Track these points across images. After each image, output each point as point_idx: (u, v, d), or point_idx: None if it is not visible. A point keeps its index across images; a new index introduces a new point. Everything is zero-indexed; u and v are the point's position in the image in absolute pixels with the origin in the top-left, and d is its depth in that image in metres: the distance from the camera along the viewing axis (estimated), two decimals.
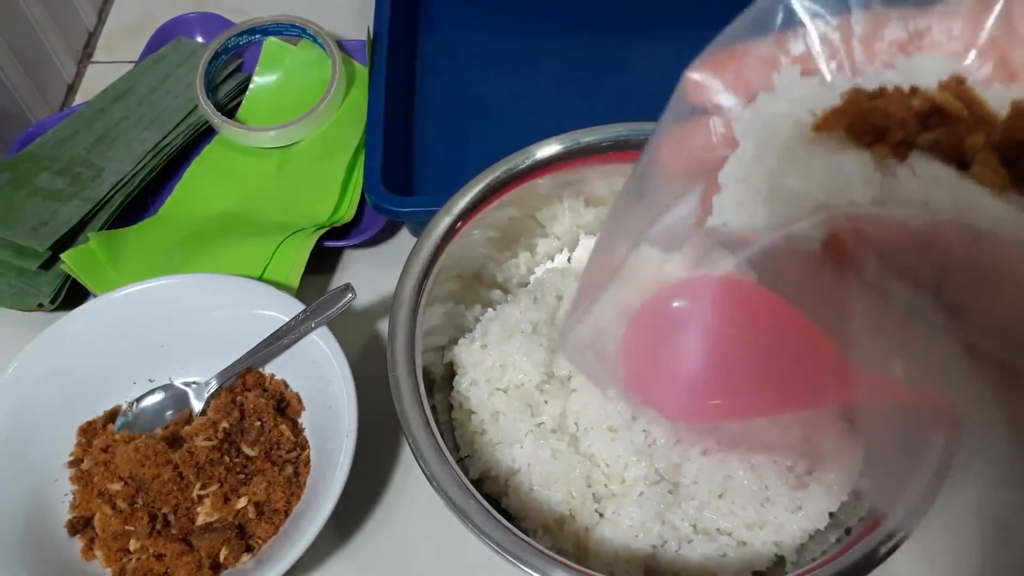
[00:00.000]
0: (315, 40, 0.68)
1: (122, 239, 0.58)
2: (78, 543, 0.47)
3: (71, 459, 0.49)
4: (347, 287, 0.49)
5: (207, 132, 0.66)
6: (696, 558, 0.43)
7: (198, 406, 0.51)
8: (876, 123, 0.22)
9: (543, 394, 0.48)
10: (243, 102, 0.68)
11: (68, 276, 0.56)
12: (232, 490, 0.47)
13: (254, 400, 0.49)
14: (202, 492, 0.46)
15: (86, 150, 0.62)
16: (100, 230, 0.58)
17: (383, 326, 0.57)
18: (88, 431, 0.50)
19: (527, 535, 0.39)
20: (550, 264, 0.56)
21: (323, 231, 0.58)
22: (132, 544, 0.46)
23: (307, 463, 0.49)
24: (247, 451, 0.48)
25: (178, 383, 0.52)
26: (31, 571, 0.44)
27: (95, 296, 0.54)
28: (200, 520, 0.47)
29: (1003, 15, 0.23)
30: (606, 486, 0.45)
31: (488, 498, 0.45)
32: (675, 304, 0.51)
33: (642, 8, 0.74)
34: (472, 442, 0.47)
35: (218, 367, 0.51)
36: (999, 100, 0.22)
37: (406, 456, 0.52)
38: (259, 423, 0.49)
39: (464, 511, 0.39)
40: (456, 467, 0.40)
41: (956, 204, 0.21)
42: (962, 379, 0.21)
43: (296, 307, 0.50)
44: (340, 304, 0.49)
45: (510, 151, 0.50)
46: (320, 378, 0.49)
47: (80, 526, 0.47)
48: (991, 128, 0.21)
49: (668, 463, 0.45)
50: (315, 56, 0.69)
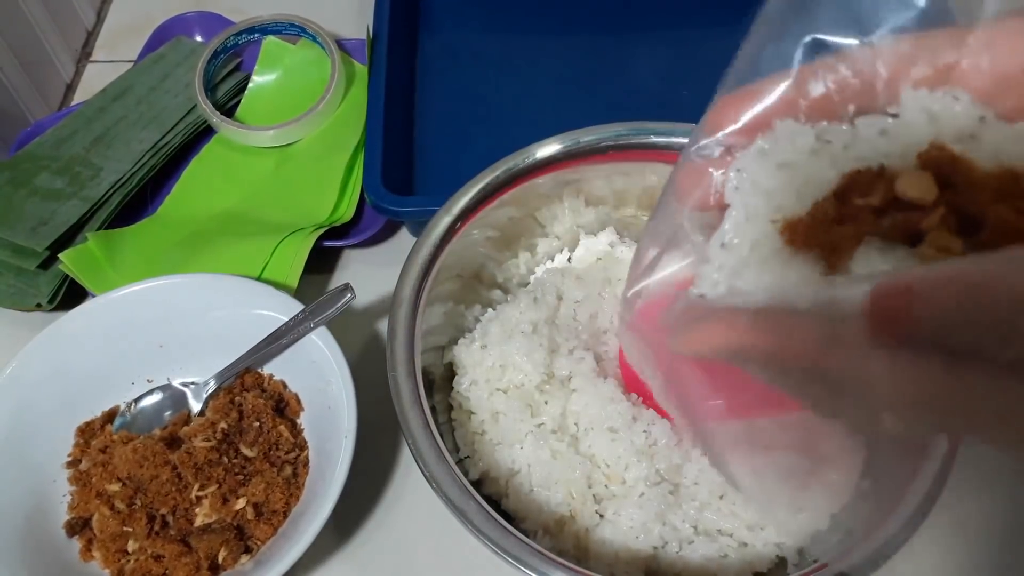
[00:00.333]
0: (314, 39, 0.68)
1: (121, 239, 0.58)
2: (76, 544, 0.46)
3: (69, 459, 0.49)
4: (346, 287, 0.49)
5: (206, 131, 0.66)
6: (697, 559, 0.43)
7: (196, 406, 0.50)
8: (833, 240, 0.23)
9: (543, 394, 0.48)
10: (242, 101, 0.68)
11: (67, 276, 0.56)
12: (231, 491, 0.47)
13: (253, 400, 0.49)
14: (201, 493, 0.46)
15: (85, 150, 0.62)
16: (99, 230, 0.58)
17: (383, 326, 0.57)
18: (86, 431, 0.50)
19: (527, 536, 0.39)
20: (550, 264, 0.55)
21: (322, 231, 0.58)
22: (131, 545, 0.46)
23: (306, 464, 0.49)
24: (246, 452, 0.48)
25: (176, 383, 0.52)
26: (30, 572, 0.44)
27: (93, 296, 0.54)
28: (199, 521, 0.47)
29: None
30: (606, 487, 0.45)
31: (488, 499, 0.44)
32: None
33: (642, 8, 0.74)
34: (472, 443, 0.47)
35: (217, 367, 0.51)
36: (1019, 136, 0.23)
37: (406, 457, 0.52)
38: (258, 423, 0.49)
39: (464, 512, 0.39)
40: (456, 468, 0.40)
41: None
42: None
43: (295, 307, 0.50)
44: (339, 304, 0.49)
45: (510, 151, 0.50)
46: (319, 378, 0.49)
47: (78, 527, 0.47)
48: (976, 190, 0.22)
49: (669, 464, 0.44)
50: (314, 55, 0.68)
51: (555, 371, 0.48)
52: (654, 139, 0.50)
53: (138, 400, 0.51)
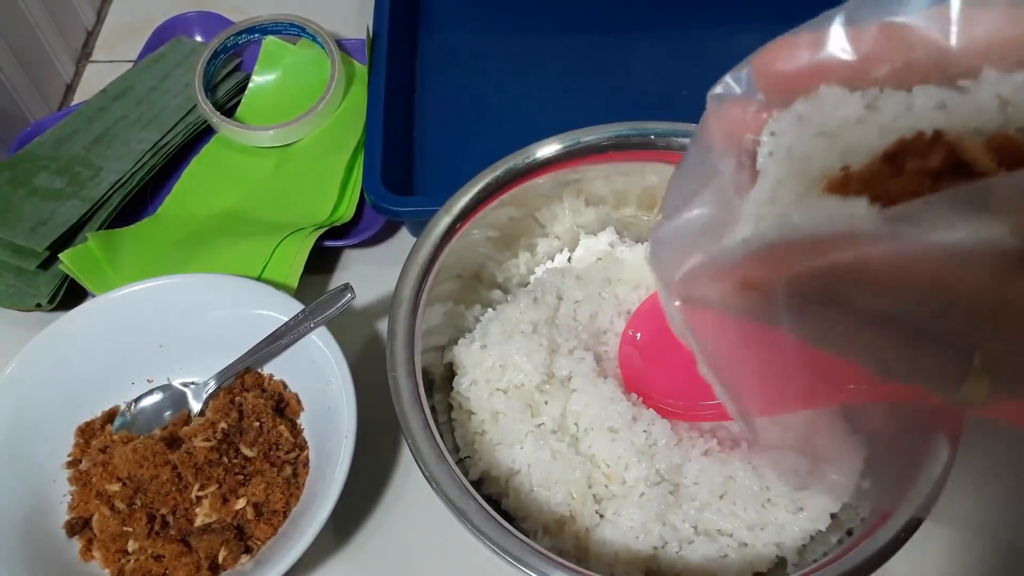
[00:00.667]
0: (314, 39, 0.68)
1: (120, 239, 0.58)
2: (76, 544, 0.46)
3: (69, 459, 0.49)
4: (346, 287, 0.49)
5: (206, 131, 0.66)
6: (697, 559, 0.43)
7: (196, 407, 0.50)
8: (890, 190, 0.21)
9: (543, 394, 0.48)
10: (242, 101, 0.68)
11: (66, 276, 0.56)
12: (231, 491, 0.47)
13: (253, 400, 0.49)
14: (201, 493, 0.46)
15: (85, 149, 0.62)
16: (99, 230, 0.58)
17: (382, 326, 0.57)
18: (86, 431, 0.50)
19: (527, 536, 0.39)
20: (550, 264, 0.55)
21: (322, 231, 0.58)
22: (131, 545, 0.46)
23: (306, 464, 0.49)
24: (246, 452, 0.48)
25: (176, 383, 0.52)
26: (30, 572, 0.44)
27: (93, 296, 0.54)
28: (199, 521, 0.46)
29: None
30: (607, 487, 0.45)
31: (488, 499, 0.44)
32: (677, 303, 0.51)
33: (642, 8, 0.74)
34: (472, 443, 0.47)
35: (217, 367, 0.51)
36: None
37: (406, 457, 0.52)
38: (258, 424, 0.49)
39: (463, 512, 0.39)
40: (456, 468, 0.40)
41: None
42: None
43: (295, 307, 0.50)
44: (339, 304, 0.49)
45: (510, 151, 0.50)
46: (319, 378, 0.49)
47: (79, 527, 0.47)
48: None
49: (669, 464, 0.44)
50: (314, 55, 0.68)
51: (555, 371, 0.48)
52: (654, 139, 0.50)
53: (138, 400, 0.51)
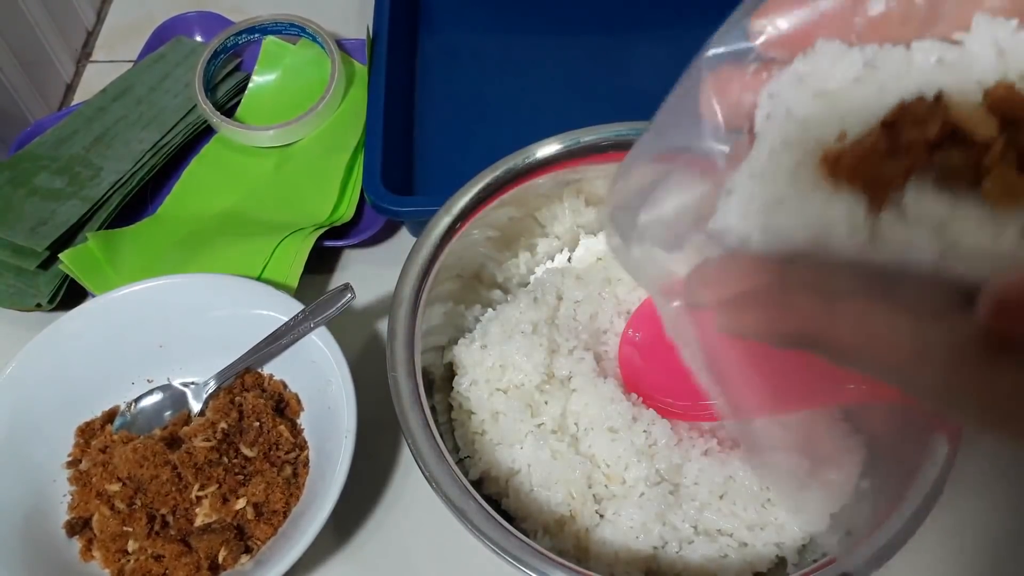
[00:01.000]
0: (314, 39, 0.68)
1: (120, 239, 0.58)
2: (77, 544, 0.46)
3: (69, 459, 0.49)
4: (346, 287, 0.49)
5: (206, 131, 0.66)
6: (697, 559, 0.43)
7: (196, 407, 0.50)
8: (882, 175, 0.21)
9: (543, 394, 0.48)
10: (242, 101, 0.68)
11: (66, 276, 0.56)
12: (231, 491, 0.47)
13: (253, 400, 0.49)
14: (201, 493, 0.46)
15: (85, 149, 0.62)
16: (99, 230, 0.58)
17: (382, 326, 0.57)
18: (86, 431, 0.50)
19: (527, 536, 0.39)
20: (550, 264, 0.55)
21: (322, 231, 0.58)
22: (131, 545, 0.46)
23: (306, 464, 0.49)
24: (246, 452, 0.48)
25: (176, 383, 0.52)
26: (30, 572, 0.44)
27: (93, 296, 0.54)
28: (199, 521, 0.46)
29: None
30: (606, 487, 0.45)
31: (488, 499, 0.44)
32: (674, 303, 0.51)
33: (642, 8, 0.74)
34: (472, 443, 0.47)
35: (217, 367, 0.51)
36: None
37: (406, 457, 0.52)
38: (258, 423, 0.49)
39: (463, 512, 0.39)
40: (456, 468, 0.40)
41: (941, 252, 0.19)
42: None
43: (295, 307, 0.50)
44: (339, 304, 0.49)
45: (510, 151, 0.50)
46: (319, 378, 0.49)
47: (79, 527, 0.47)
48: None
49: (669, 464, 0.44)
50: (314, 55, 0.68)
51: (555, 371, 0.48)
52: None
53: (138, 400, 0.51)
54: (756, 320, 0.22)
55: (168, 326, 0.52)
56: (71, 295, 0.57)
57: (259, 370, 0.52)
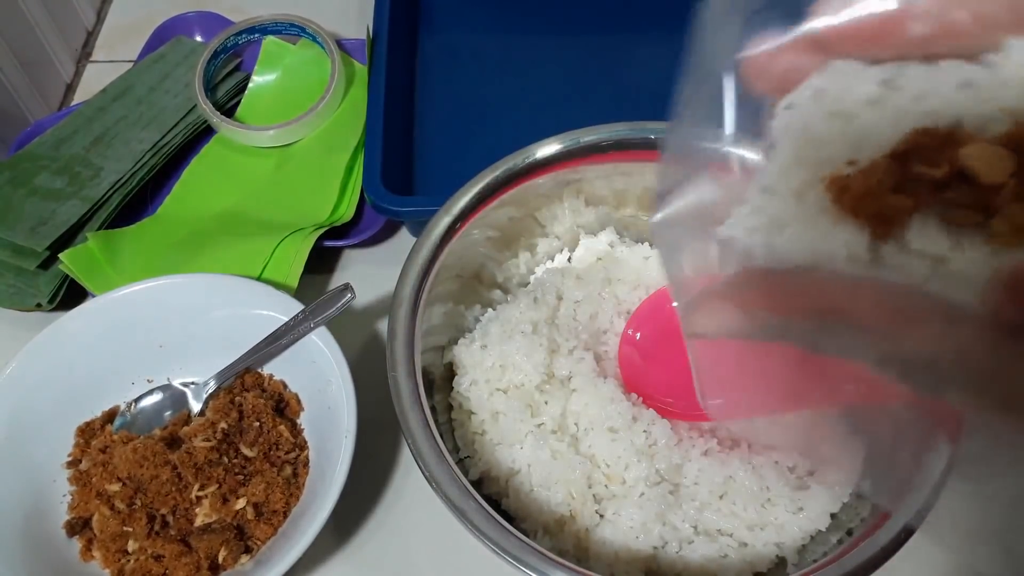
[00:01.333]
0: (314, 39, 0.68)
1: (120, 239, 0.58)
2: (77, 544, 0.46)
3: (69, 459, 0.49)
4: (346, 287, 0.49)
5: (206, 131, 0.66)
6: (697, 559, 0.43)
7: (196, 407, 0.50)
8: (886, 210, 0.20)
9: (543, 394, 0.48)
10: (242, 101, 0.68)
11: (66, 276, 0.56)
12: (231, 491, 0.47)
13: (253, 400, 0.49)
14: (200, 493, 0.46)
15: (85, 149, 0.62)
16: (99, 230, 0.58)
17: (382, 326, 0.57)
18: (86, 431, 0.50)
19: (527, 536, 0.39)
20: (550, 264, 0.55)
21: (322, 231, 0.58)
22: (131, 545, 0.46)
23: (306, 464, 0.49)
24: (246, 452, 0.48)
25: (176, 383, 0.52)
26: (30, 572, 0.44)
27: (93, 296, 0.54)
28: (199, 521, 0.46)
29: None
30: (606, 487, 0.45)
31: (488, 499, 0.44)
32: (674, 303, 0.51)
33: (642, 8, 0.74)
34: (472, 443, 0.47)
35: (217, 367, 0.51)
36: None
37: (406, 457, 0.52)
38: (258, 424, 0.49)
39: (463, 512, 0.39)
40: (456, 468, 0.40)
41: (939, 286, 0.19)
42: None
43: (295, 307, 0.50)
44: (339, 304, 0.49)
45: (510, 151, 0.50)
46: (319, 378, 0.49)
47: (79, 527, 0.47)
48: None
49: (669, 464, 0.44)
50: (314, 55, 0.68)
51: (555, 371, 0.48)
52: (654, 139, 0.50)
53: (138, 400, 0.51)
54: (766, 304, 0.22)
55: (168, 326, 0.52)
56: (71, 295, 0.57)
57: (259, 370, 0.52)
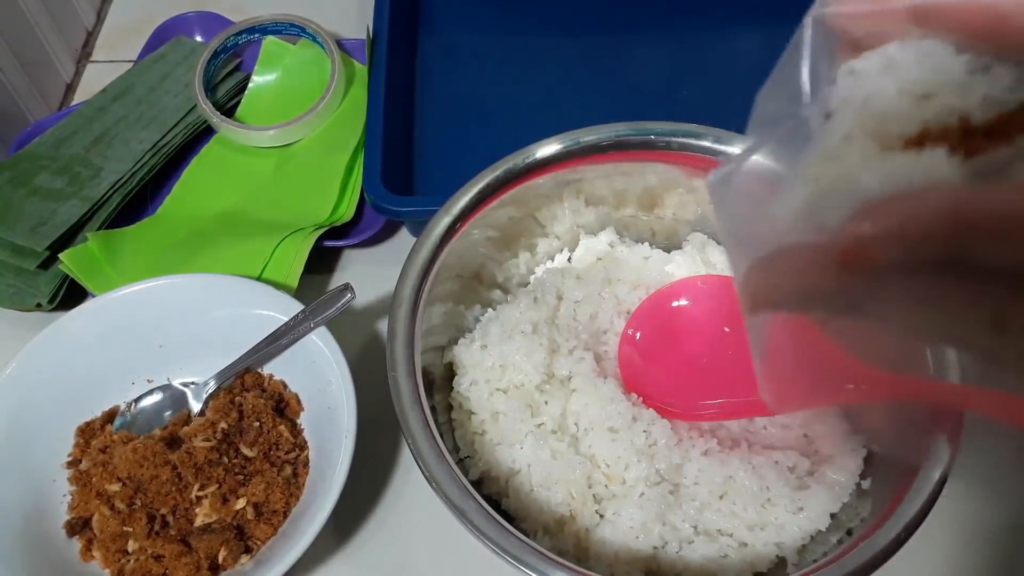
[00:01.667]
0: (314, 39, 0.68)
1: (121, 239, 0.58)
2: (76, 544, 0.46)
3: (69, 459, 0.49)
4: (346, 287, 0.49)
5: (206, 131, 0.66)
6: (697, 559, 0.43)
7: (196, 407, 0.50)
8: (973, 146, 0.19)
9: (543, 394, 0.48)
10: (242, 101, 0.68)
11: (66, 276, 0.56)
12: (231, 491, 0.47)
13: (253, 400, 0.49)
14: (201, 493, 0.46)
15: (85, 149, 0.62)
16: (99, 230, 0.58)
17: (382, 326, 0.57)
18: (86, 431, 0.50)
19: (527, 536, 0.39)
20: (550, 264, 0.55)
21: (322, 231, 0.58)
22: (131, 545, 0.46)
23: (306, 464, 0.49)
24: (246, 452, 0.48)
25: (176, 383, 0.52)
26: (30, 572, 0.44)
27: (93, 296, 0.54)
28: (199, 521, 0.46)
29: None
30: (606, 487, 0.45)
31: (488, 499, 0.44)
32: (674, 303, 0.51)
33: (642, 8, 0.74)
34: (472, 443, 0.47)
35: (217, 367, 0.51)
36: None
37: (406, 457, 0.52)
38: (258, 424, 0.49)
39: (463, 512, 0.38)
40: (456, 468, 0.40)
41: None
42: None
43: (295, 307, 0.50)
44: (339, 304, 0.49)
45: (510, 151, 0.50)
46: (319, 378, 0.49)
47: (78, 527, 0.47)
48: None
49: (669, 464, 0.44)
50: (314, 55, 0.68)
51: (555, 371, 0.48)
52: (654, 139, 0.50)
53: (138, 400, 0.51)
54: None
55: (168, 326, 0.52)
56: (71, 295, 0.57)
57: (259, 370, 0.52)
